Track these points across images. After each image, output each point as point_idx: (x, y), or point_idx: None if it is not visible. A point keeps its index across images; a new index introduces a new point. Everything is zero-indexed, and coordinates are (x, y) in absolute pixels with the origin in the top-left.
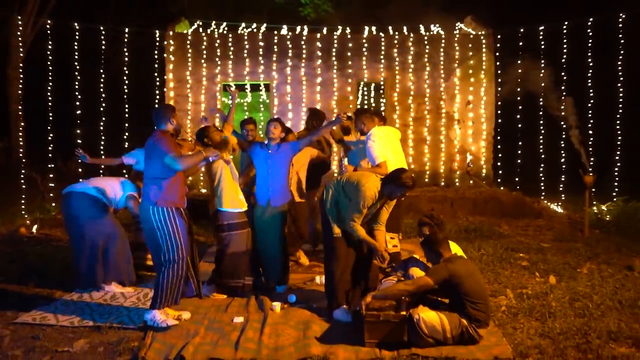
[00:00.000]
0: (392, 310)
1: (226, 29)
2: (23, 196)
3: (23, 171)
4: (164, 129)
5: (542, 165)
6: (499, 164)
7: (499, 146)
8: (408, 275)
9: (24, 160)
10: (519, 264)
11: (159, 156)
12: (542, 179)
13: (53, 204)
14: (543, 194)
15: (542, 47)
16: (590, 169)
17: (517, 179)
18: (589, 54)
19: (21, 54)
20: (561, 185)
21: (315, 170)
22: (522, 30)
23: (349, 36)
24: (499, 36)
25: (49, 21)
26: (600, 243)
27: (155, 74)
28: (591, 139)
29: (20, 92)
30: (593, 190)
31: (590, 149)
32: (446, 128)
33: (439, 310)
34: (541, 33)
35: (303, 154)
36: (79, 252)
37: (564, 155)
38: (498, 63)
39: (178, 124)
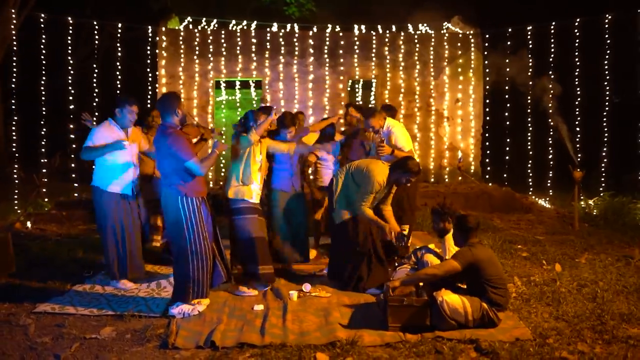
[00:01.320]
0: (413, 295)
1: (216, 25)
2: (16, 191)
3: (16, 166)
4: (170, 122)
5: (530, 161)
6: (487, 160)
7: (487, 143)
8: (422, 262)
9: (16, 155)
10: (520, 254)
11: (176, 157)
12: (530, 175)
13: (46, 199)
14: (531, 189)
15: (530, 46)
16: (578, 165)
17: (505, 175)
18: (576, 53)
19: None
20: (549, 181)
21: None
22: (510, 30)
23: (340, 34)
24: (487, 35)
25: (42, 15)
26: (591, 236)
27: (148, 70)
28: (578, 135)
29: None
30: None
31: (578, 145)
32: (436, 125)
33: (460, 295)
34: (529, 32)
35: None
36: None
37: (551, 151)
38: (486, 62)
39: (184, 113)
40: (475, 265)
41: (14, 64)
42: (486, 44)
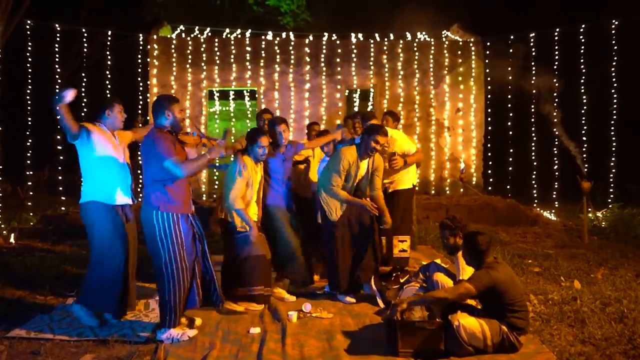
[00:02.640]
0: (424, 317)
1: (210, 33)
2: (0, 205)
3: (0, 179)
4: (160, 125)
5: (534, 172)
6: (489, 171)
7: (489, 153)
8: (432, 281)
9: (0, 167)
10: (531, 270)
11: (157, 158)
12: (534, 185)
13: (31, 214)
14: (535, 201)
15: (533, 53)
16: (585, 175)
17: (507, 187)
18: (582, 60)
19: None
20: (554, 192)
21: None
22: (511, 37)
23: (337, 42)
24: (487, 43)
25: (29, 22)
26: (603, 249)
27: (139, 79)
28: (585, 145)
29: None
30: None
31: (584, 155)
32: (436, 135)
33: (476, 316)
34: (532, 39)
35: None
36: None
37: (556, 162)
38: (487, 70)
39: (177, 117)
40: (494, 289)
41: None
42: (487, 52)
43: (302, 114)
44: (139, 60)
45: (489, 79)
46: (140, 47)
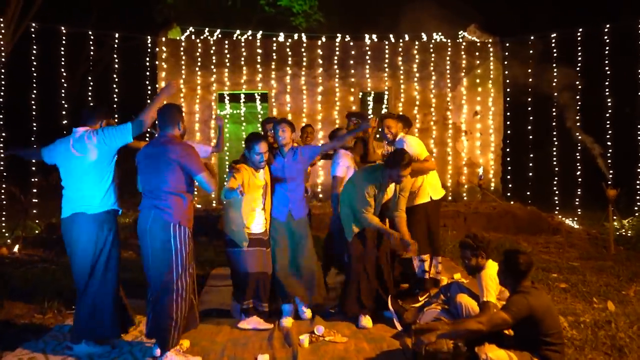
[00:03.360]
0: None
1: (220, 35)
2: (4, 213)
3: (4, 185)
4: (172, 133)
5: (556, 178)
6: (508, 177)
7: (508, 158)
8: (455, 303)
9: (4, 173)
10: (557, 286)
11: (185, 171)
12: (556, 192)
13: (37, 221)
14: (557, 208)
15: (554, 54)
16: (609, 182)
17: (527, 193)
18: (606, 61)
19: (3, 59)
20: (576, 199)
21: None
22: (532, 37)
23: (351, 43)
24: (506, 44)
25: (34, 24)
26: (631, 261)
27: (147, 82)
28: (609, 149)
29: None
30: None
31: (609, 160)
32: (453, 140)
33: (506, 348)
34: (553, 40)
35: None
36: None
37: (578, 167)
38: (506, 72)
39: (185, 128)
40: (530, 317)
41: (2, 77)
42: (506, 53)
43: (315, 117)
44: (147, 63)
45: (507, 80)
46: (149, 50)
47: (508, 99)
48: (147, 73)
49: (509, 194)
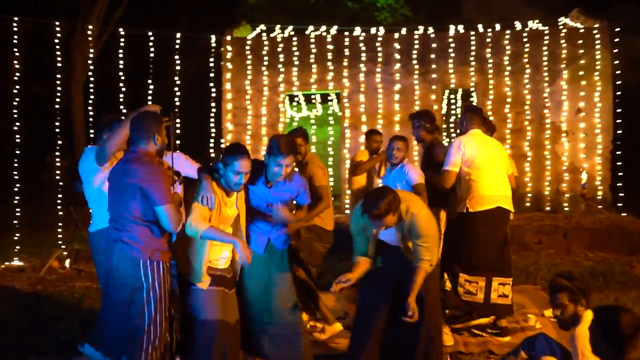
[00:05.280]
0: None
1: (292, 32)
2: (60, 224)
3: (60, 195)
4: (146, 149)
5: None
6: (618, 184)
7: (618, 163)
8: None
9: (60, 183)
10: None
11: (148, 198)
12: None
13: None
14: None
15: None
16: None
17: None
18: None
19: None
20: None
21: None
22: None
23: (432, 36)
24: (616, 29)
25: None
26: None
27: (211, 85)
28: None
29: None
30: None
31: None
32: (552, 142)
33: None
34: None
35: None
36: None
37: None
38: (616, 62)
39: (164, 142)
40: None
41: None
42: (615, 40)
43: (392, 119)
44: (211, 64)
45: (617, 72)
46: (213, 50)
47: (618, 93)
48: (212, 75)
49: (619, 205)
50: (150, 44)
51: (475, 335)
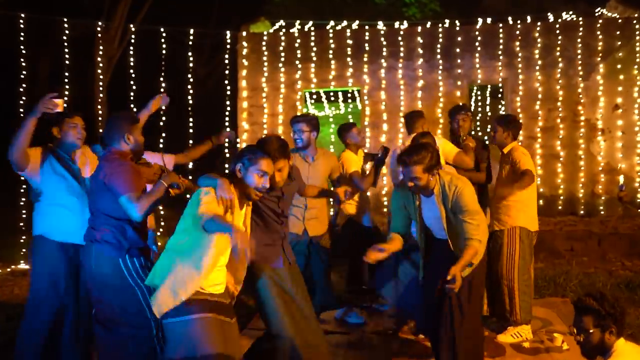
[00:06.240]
0: None
1: (312, 27)
2: None
3: None
4: (118, 148)
5: None
6: None
7: None
8: None
9: None
10: None
11: (113, 193)
12: None
13: None
14: None
15: None
16: None
17: None
18: None
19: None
20: None
21: None
22: None
23: (457, 28)
24: None
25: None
26: None
27: (226, 82)
28: None
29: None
30: None
31: None
32: (586, 140)
33: None
34: None
35: None
36: None
37: None
38: None
39: (138, 142)
40: None
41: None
42: None
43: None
44: (226, 60)
45: None
46: (228, 46)
47: None
48: (227, 71)
49: None
50: (163, 41)
51: None
